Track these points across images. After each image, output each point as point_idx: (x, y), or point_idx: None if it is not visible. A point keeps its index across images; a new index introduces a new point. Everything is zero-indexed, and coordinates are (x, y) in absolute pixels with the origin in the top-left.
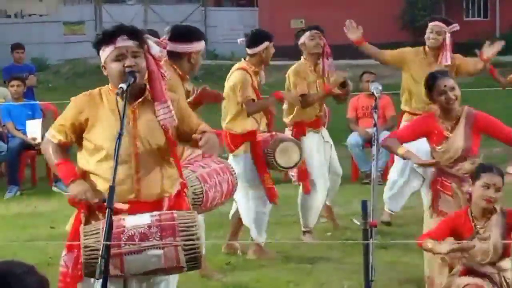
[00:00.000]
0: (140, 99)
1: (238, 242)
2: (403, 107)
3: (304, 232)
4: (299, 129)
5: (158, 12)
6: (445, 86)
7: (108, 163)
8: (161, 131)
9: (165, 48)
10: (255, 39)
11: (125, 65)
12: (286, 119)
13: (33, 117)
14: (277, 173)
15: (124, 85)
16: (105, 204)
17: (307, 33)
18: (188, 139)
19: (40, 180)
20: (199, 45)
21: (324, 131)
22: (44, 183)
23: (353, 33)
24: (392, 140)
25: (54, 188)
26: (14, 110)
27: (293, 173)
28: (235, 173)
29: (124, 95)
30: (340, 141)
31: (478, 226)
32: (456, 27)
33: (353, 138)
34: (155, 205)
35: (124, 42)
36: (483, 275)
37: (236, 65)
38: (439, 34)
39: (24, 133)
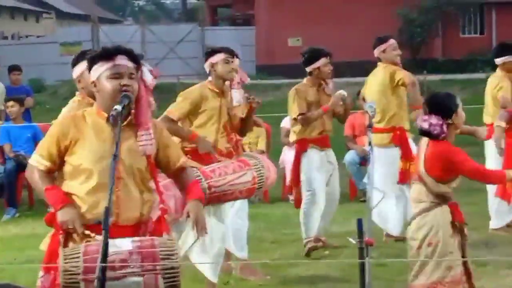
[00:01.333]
0: (124, 123)
1: (230, 262)
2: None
3: (306, 244)
4: (301, 146)
5: (156, 32)
6: None
7: (88, 185)
8: (143, 156)
9: (156, 77)
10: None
11: (122, 84)
12: (292, 138)
13: (33, 139)
14: (274, 192)
15: (119, 107)
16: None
17: (324, 60)
18: (165, 170)
19: (37, 202)
20: None
21: (330, 152)
22: (41, 205)
23: None
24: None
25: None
26: (13, 132)
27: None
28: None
29: (119, 116)
30: (338, 159)
31: None
32: None
33: (350, 156)
34: (134, 229)
35: (123, 61)
36: None
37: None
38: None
39: (21, 155)
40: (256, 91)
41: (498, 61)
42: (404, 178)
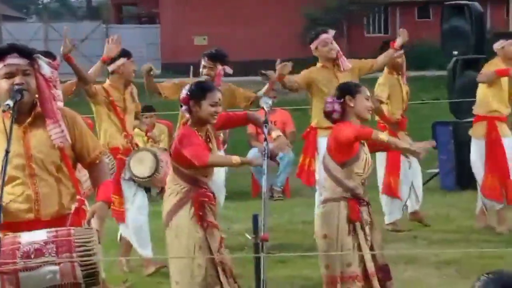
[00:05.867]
0: (29, 119)
1: (129, 258)
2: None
3: None
4: None
5: (59, 30)
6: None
7: None
8: (56, 149)
9: (56, 69)
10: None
11: (15, 83)
12: None
13: None
14: None
15: (10, 102)
16: None
17: (202, 60)
18: (81, 160)
19: None
20: None
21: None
22: None
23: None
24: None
25: None
26: None
27: None
28: None
29: (12, 112)
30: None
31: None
32: (332, 32)
33: (252, 154)
34: (55, 223)
35: (14, 60)
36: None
37: None
38: (332, 43)
39: None
40: None
41: None
42: (300, 174)
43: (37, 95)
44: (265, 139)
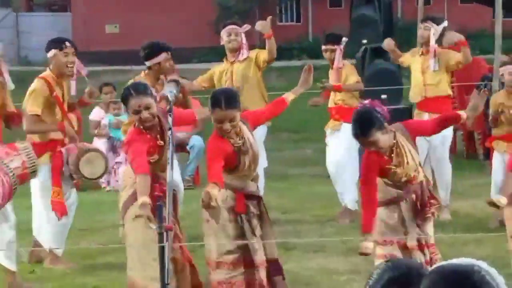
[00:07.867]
0: None
1: (38, 248)
2: None
3: None
4: None
5: None
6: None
7: None
8: None
9: None
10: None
11: None
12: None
13: None
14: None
15: None
16: None
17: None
18: None
19: None
20: None
21: None
22: None
23: None
24: None
25: None
26: None
27: (103, 180)
28: (12, 174)
29: None
30: None
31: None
32: (248, 26)
33: None
34: None
35: None
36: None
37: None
38: (236, 35)
39: None
40: None
41: None
42: None
43: None
44: (170, 128)
